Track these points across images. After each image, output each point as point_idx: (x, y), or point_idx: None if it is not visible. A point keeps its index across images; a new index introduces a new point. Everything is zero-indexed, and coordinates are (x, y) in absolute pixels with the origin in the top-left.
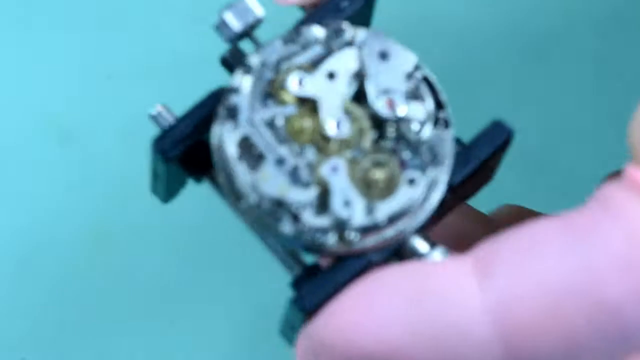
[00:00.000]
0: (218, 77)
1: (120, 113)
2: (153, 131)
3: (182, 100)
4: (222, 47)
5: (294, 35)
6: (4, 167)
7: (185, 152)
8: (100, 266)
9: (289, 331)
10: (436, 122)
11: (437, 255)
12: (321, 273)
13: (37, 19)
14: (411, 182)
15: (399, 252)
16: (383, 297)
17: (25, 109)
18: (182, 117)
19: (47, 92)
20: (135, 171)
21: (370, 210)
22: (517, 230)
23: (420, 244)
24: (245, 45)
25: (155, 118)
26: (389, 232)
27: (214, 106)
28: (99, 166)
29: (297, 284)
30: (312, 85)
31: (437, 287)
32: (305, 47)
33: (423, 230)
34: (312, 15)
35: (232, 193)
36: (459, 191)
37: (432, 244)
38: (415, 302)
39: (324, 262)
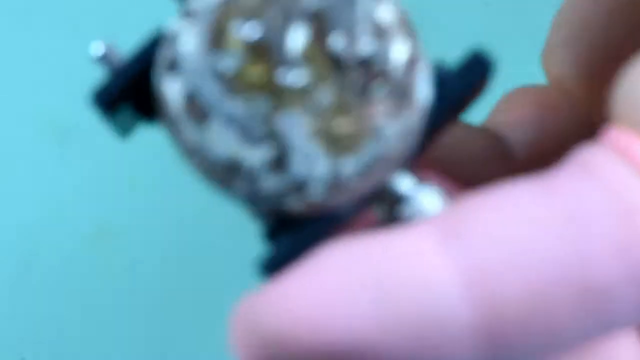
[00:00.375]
0: None
1: None
2: (154, 130)
3: None
4: None
5: None
6: (3, 166)
7: (127, 101)
8: (101, 266)
9: None
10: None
11: (426, 197)
12: (293, 228)
13: (37, 18)
14: (379, 130)
15: (380, 195)
16: (335, 280)
17: (24, 108)
18: (121, 67)
19: (46, 91)
20: (137, 170)
21: (336, 163)
22: (489, 192)
23: (403, 184)
24: None
25: (101, 60)
26: (360, 185)
27: (154, 53)
28: (100, 165)
29: (272, 235)
30: (264, 27)
31: (398, 263)
32: None
33: (407, 164)
34: None
35: (179, 148)
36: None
37: (418, 182)
38: (373, 284)
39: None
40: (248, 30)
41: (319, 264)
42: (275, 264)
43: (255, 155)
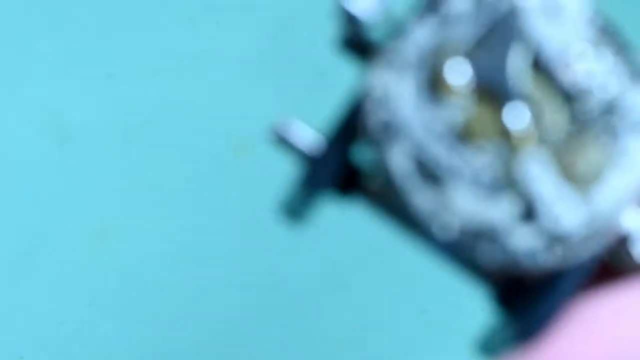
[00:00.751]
0: (219, 75)
1: (120, 112)
2: (154, 130)
3: (183, 99)
4: (223, 44)
5: (446, 5)
6: (3, 166)
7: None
8: (100, 266)
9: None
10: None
11: None
12: (533, 289)
13: (36, 18)
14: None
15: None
16: (612, 339)
17: (24, 108)
18: (330, 140)
19: (46, 91)
20: (136, 171)
21: (589, 204)
22: None
23: (630, 218)
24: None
25: (282, 136)
26: (614, 220)
27: (360, 118)
28: (99, 166)
29: (506, 300)
30: (481, 67)
31: None
32: (464, 20)
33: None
34: None
35: (405, 221)
36: None
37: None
38: None
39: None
40: (468, 72)
41: (587, 324)
42: (532, 329)
43: (502, 211)
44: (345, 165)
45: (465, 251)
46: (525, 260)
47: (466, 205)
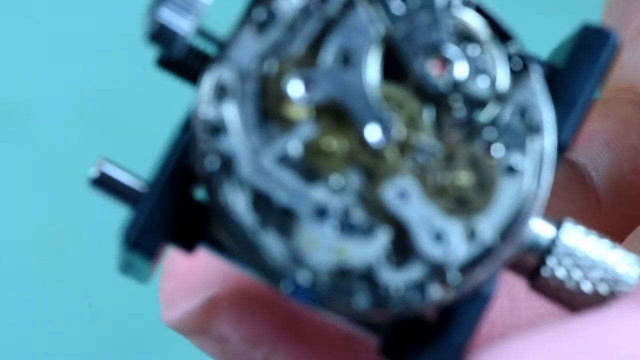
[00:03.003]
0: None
1: (73, 94)
2: (110, 110)
3: (141, 80)
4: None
5: (260, 14)
6: None
7: (172, 232)
8: (54, 267)
9: None
10: (508, 60)
11: (570, 230)
12: (428, 331)
13: None
14: (511, 170)
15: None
16: None
17: None
18: (151, 188)
19: None
20: (93, 159)
21: (471, 231)
22: None
23: (542, 228)
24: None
25: (98, 181)
26: (505, 251)
27: (185, 161)
28: (51, 155)
29: (395, 352)
30: (324, 82)
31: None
32: (288, 26)
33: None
34: None
35: (261, 274)
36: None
37: (558, 223)
38: None
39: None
40: (309, 88)
41: None
42: None
43: (368, 249)
44: (179, 211)
45: (336, 299)
46: (406, 298)
47: (325, 246)
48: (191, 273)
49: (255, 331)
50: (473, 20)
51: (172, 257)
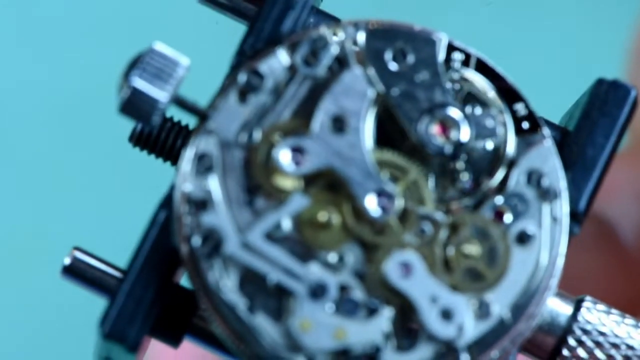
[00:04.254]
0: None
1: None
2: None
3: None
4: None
5: (247, 78)
6: None
7: (155, 322)
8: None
9: None
10: (516, 123)
11: (590, 307)
12: None
13: None
14: (522, 239)
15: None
16: None
17: None
18: (130, 275)
19: None
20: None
21: (482, 308)
22: None
23: (560, 307)
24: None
25: (71, 270)
26: (520, 329)
27: (166, 243)
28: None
29: None
30: (316, 150)
31: None
32: (274, 91)
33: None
34: (255, 33)
35: (255, 358)
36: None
37: (577, 301)
38: None
39: None
40: (300, 157)
41: None
42: None
43: (370, 330)
44: (160, 299)
45: None
46: None
47: (325, 328)
48: None
49: None
50: (476, 79)
51: (157, 349)
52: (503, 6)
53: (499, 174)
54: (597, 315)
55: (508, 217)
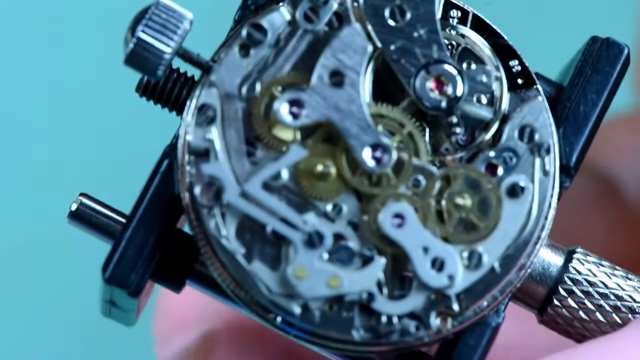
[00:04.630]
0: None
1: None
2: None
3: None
4: None
5: (249, 32)
6: None
7: (156, 268)
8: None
9: None
10: (510, 79)
11: (581, 259)
12: None
13: None
14: (513, 191)
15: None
16: None
17: None
18: (133, 221)
19: None
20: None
21: (472, 258)
22: None
23: (551, 258)
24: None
25: (77, 215)
26: (509, 278)
27: (169, 190)
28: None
29: None
30: (315, 103)
31: None
32: (275, 45)
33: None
34: None
35: (252, 306)
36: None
37: (568, 252)
38: None
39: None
40: (299, 110)
41: None
42: None
43: (363, 278)
44: (162, 245)
45: (330, 330)
46: (405, 329)
47: (319, 276)
48: (185, 308)
49: None
50: (473, 36)
51: (164, 293)
52: (503, 6)
53: (493, 128)
54: (587, 267)
55: (500, 171)
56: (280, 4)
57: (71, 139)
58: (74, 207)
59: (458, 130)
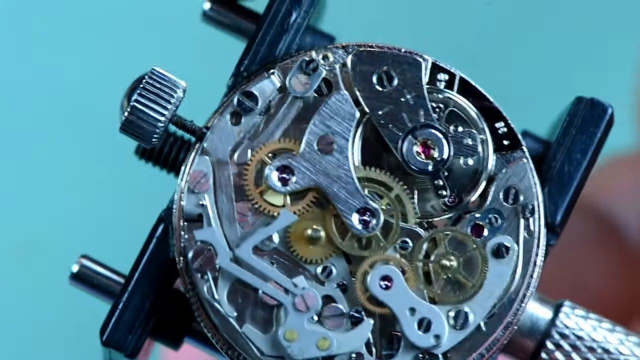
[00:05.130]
0: None
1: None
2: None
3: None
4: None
5: (240, 99)
6: None
7: (154, 328)
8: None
9: None
10: (496, 140)
11: (568, 312)
12: None
13: None
14: (499, 252)
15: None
16: None
17: None
18: (130, 285)
19: None
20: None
21: (458, 318)
22: None
23: (539, 312)
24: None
25: (78, 277)
26: (495, 336)
27: (165, 254)
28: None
29: None
30: (304, 169)
31: None
32: (266, 112)
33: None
34: (251, 55)
35: None
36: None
37: (556, 305)
38: None
39: None
40: (290, 176)
41: None
42: None
43: (353, 339)
44: (160, 306)
45: None
46: None
47: (310, 339)
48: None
49: None
50: (459, 99)
51: (165, 349)
52: (503, 6)
53: (479, 190)
54: (575, 320)
55: (486, 232)
56: (271, 71)
57: (70, 138)
58: (75, 269)
59: (444, 192)
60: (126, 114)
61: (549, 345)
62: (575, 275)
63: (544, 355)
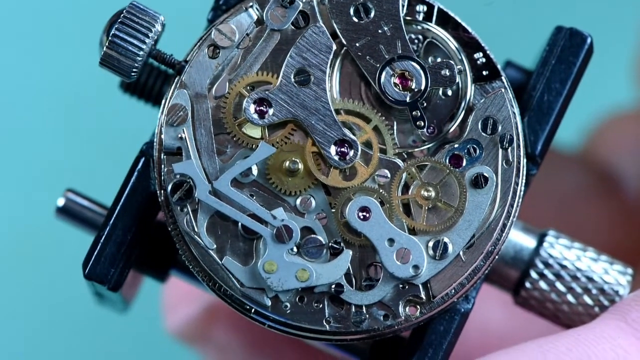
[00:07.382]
0: None
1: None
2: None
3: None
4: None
5: (216, 34)
6: None
7: (137, 262)
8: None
9: None
10: (475, 71)
11: (552, 241)
12: (405, 350)
13: None
14: (477, 182)
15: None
16: None
17: None
18: (111, 218)
19: None
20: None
21: (437, 248)
22: None
23: (523, 241)
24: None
25: (64, 211)
26: (475, 265)
27: (146, 187)
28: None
29: None
30: (282, 102)
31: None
32: (243, 46)
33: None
34: None
35: (226, 298)
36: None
37: (540, 234)
38: None
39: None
40: (268, 108)
41: None
42: None
43: (332, 270)
44: (141, 239)
45: (301, 321)
46: (373, 318)
47: (289, 270)
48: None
49: (256, 336)
50: (438, 30)
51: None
52: (503, 6)
53: (458, 120)
54: (559, 249)
55: (464, 162)
56: (249, 4)
57: (67, 137)
58: (60, 202)
59: (422, 123)
60: (105, 48)
61: (533, 274)
62: (574, 226)
63: (527, 284)
